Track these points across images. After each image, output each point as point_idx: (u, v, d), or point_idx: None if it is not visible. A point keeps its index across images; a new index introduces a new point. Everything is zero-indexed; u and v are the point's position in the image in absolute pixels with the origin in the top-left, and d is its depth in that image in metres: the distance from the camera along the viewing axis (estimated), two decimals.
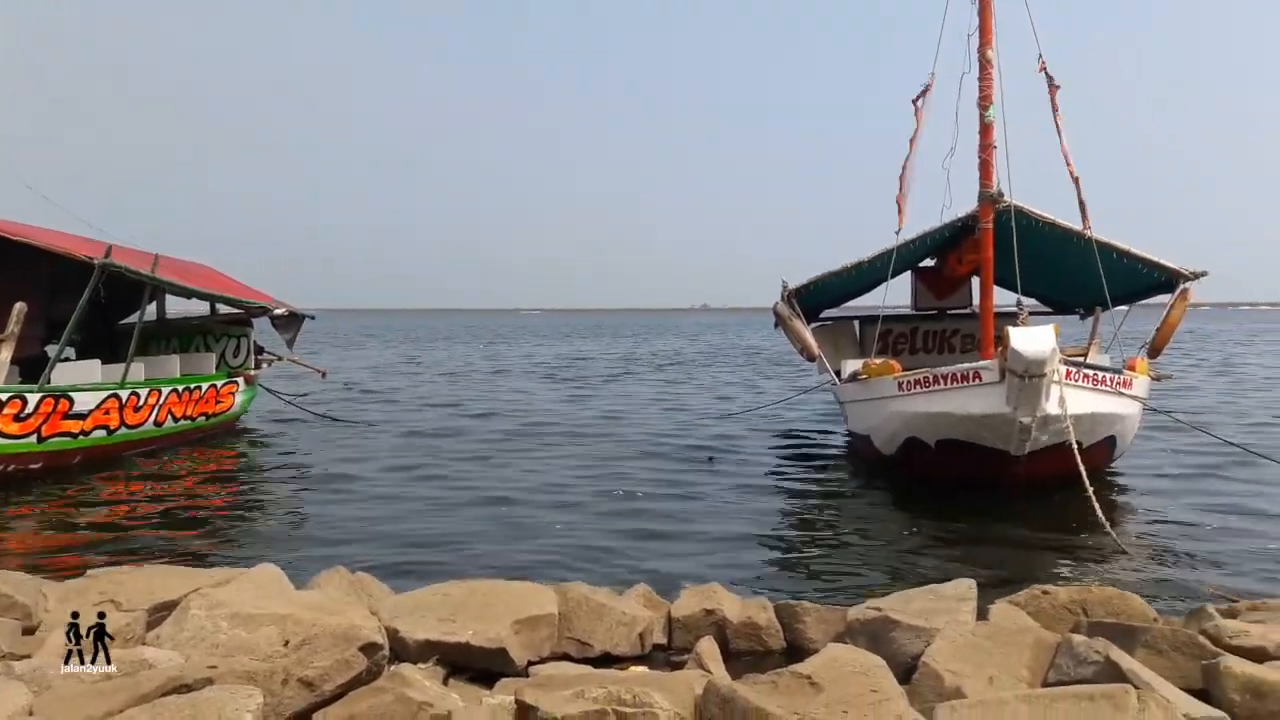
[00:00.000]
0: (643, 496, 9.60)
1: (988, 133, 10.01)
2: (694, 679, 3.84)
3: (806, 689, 3.53)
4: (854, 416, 11.97)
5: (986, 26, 10.02)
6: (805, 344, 12.26)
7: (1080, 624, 4.40)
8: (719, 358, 37.87)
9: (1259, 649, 3.91)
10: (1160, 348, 11.31)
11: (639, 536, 8.03)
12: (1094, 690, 3.25)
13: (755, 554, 7.61)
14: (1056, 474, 8.70)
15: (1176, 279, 11.28)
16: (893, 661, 4.12)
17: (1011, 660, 3.82)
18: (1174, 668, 3.87)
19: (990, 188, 10.11)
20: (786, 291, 12.35)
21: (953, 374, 9.24)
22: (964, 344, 14.52)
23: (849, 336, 15.11)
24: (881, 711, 3.30)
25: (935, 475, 9.84)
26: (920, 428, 9.80)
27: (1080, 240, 10.68)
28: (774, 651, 4.98)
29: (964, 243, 11.53)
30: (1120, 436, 10.01)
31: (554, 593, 4.96)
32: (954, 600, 4.67)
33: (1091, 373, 9.16)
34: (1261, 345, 44.11)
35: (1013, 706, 3.24)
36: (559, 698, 3.41)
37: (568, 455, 12.29)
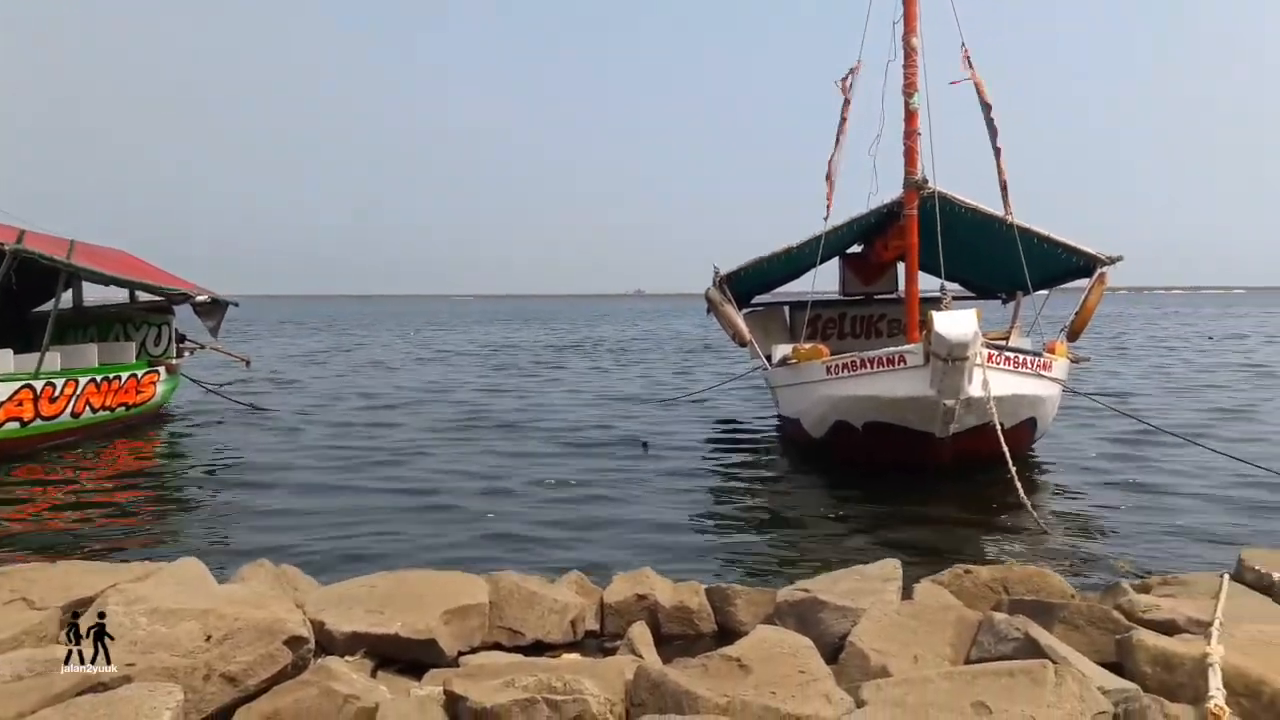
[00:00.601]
0: (576, 484, 9.58)
1: (912, 120, 10.17)
2: (625, 665, 3.85)
3: (736, 671, 3.57)
4: (784, 401, 12.11)
5: (911, 14, 10.16)
6: (737, 329, 12.36)
7: (1001, 602, 4.52)
8: (653, 344, 37.97)
9: (1169, 622, 4.06)
10: (1079, 331, 11.65)
11: (572, 524, 8.02)
12: (1013, 666, 3.34)
13: (688, 538, 7.66)
14: (980, 455, 8.92)
15: (1094, 263, 11.62)
16: (821, 642, 4.19)
17: (935, 638, 3.91)
18: (1090, 642, 4.00)
19: (915, 174, 10.29)
20: (718, 277, 12.43)
21: (879, 358, 9.41)
22: (891, 328, 14.78)
23: (779, 322, 15.28)
24: (809, 691, 3.35)
25: (863, 457, 10.01)
26: (848, 411, 9.96)
27: (1001, 226, 10.93)
28: (705, 635, 5.02)
29: (890, 229, 11.72)
30: (1041, 417, 10.30)
31: (485, 582, 4.93)
32: (880, 580, 4.76)
33: (1012, 355, 9.40)
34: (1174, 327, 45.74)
35: (936, 684, 3.31)
36: (489, 687, 3.39)
37: (498, 444, 12.18)
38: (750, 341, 12.48)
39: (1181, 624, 4.01)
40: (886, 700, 3.23)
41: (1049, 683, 3.16)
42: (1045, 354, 9.94)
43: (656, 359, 29.02)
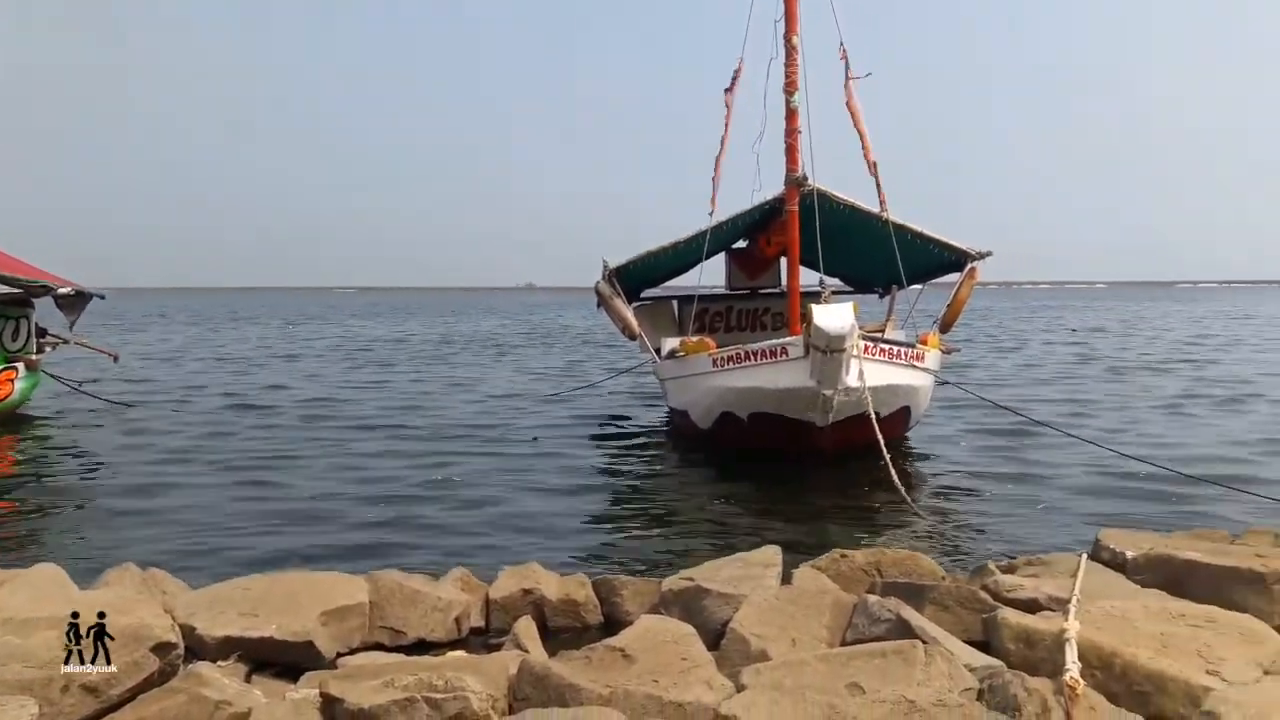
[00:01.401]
0: (461, 481, 9.45)
1: (793, 118, 10.38)
2: (509, 660, 3.83)
3: (619, 661, 3.59)
4: (673, 393, 12.22)
5: (791, 14, 10.36)
6: (626, 323, 12.39)
7: (875, 584, 4.67)
8: (542, 337, 37.80)
9: (1032, 601, 4.26)
10: (950, 323, 12.12)
11: (457, 521, 7.92)
12: (886, 647, 3.46)
13: (577, 532, 7.67)
14: (857, 443, 9.19)
15: (965, 259, 12.09)
16: (704, 629, 4.25)
17: (812, 622, 4.01)
18: (958, 621, 4.17)
19: (795, 172, 10.50)
20: (607, 271, 12.43)
21: (762, 350, 9.61)
22: (775, 322, 15.06)
23: (668, 315, 15.39)
24: (690, 679, 3.40)
25: (748, 447, 10.20)
26: (733, 402, 10.13)
27: (878, 223, 11.26)
28: (592, 627, 5.04)
29: (772, 225, 11.94)
30: (914, 406, 10.67)
31: (365, 582, 4.83)
32: (761, 567, 4.86)
33: (887, 347, 9.73)
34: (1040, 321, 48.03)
35: (812, 666, 3.41)
36: (367, 688, 3.33)
37: (377, 442, 11.84)
38: (639, 335, 12.54)
39: (1043, 602, 4.22)
40: (765, 684, 3.30)
41: (919, 662, 3.28)
42: (918, 345, 10.31)
43: (545, 353, 28.89)
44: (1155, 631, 3.64)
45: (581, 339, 35.76)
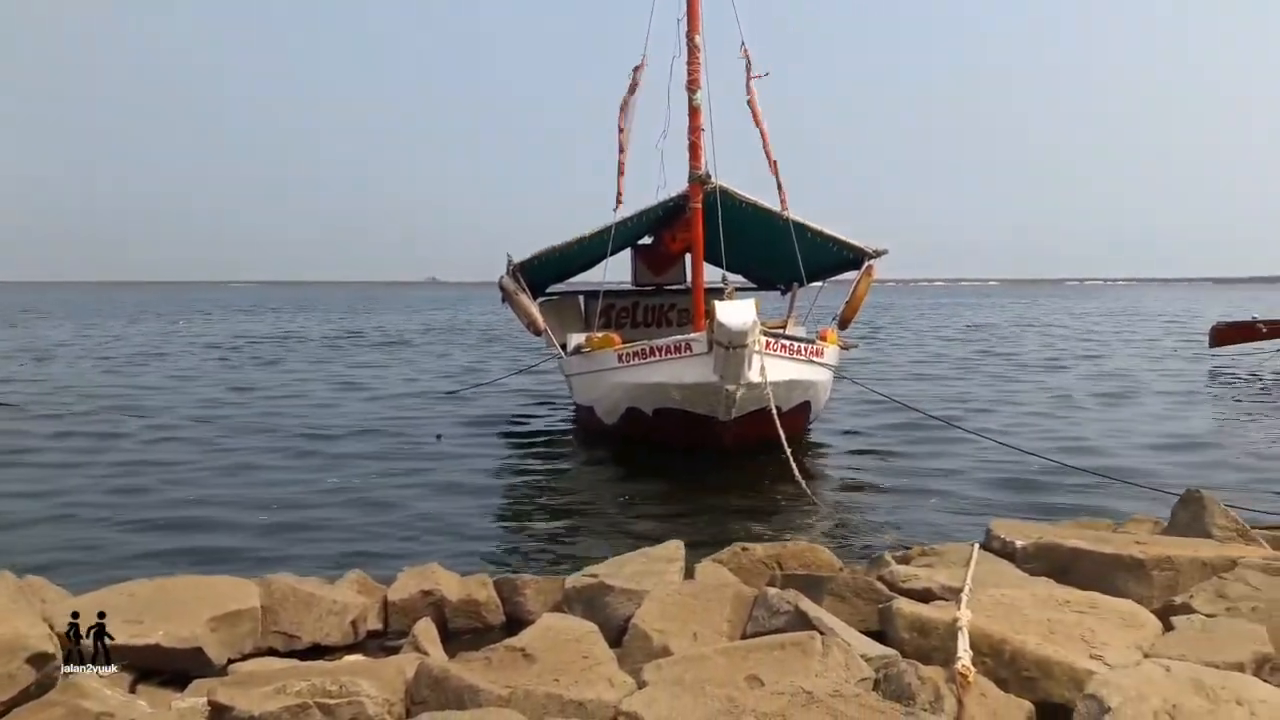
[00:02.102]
0: (360, 482, 9.23)
1: (696, 115, 10.44)
2: (407, 663, 3.75)
3: (520, 661, 3.55)
4: (579, 389, 12.19)
5: (694, 12, 10.42)
6: (531, 318, 12.32)
7: (775, 577, 4.72)
8: (445, 333, 37.29)
9: (926, 590, 4.36)
10: (849, 319, 12.40)
11: (356, 522, 7.71)
12: (784, 639, 3.49)
13: (480, 531, 7.57)
14: (760, 437, 9.31)
15: (862, 256, 12.37)
16: (607, 626, 4.24)
17: (714, 615, 4.03)
18: (855, 612, 4.24)
19: (699, 169, 10.57)
20: (511, 266, 12.33)
21: (667, 346, 9.66)
22: (680, 318, 15.16)
23: (574, 311, 15.36)
24: (591, 676, 3.38)
25: (653, 442, 10.24)
26: (639, 397, 10.16)
27: (779, 221, 11.43)
28: (495, 627, 4.97)
29: (677, 222, 12.00)
30: (815, 401, 10.87)
31: (256, 585, 4.67)
32: (664, 562, 4.87)
33: (788, 343, 9.90)
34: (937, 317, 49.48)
35: (713, 660, 3.42)
36: (257, 695, 3.21)
37: (274, 442, 11.46)
38: (545, 330, 12.48)
39: (936, 591, 4.32)
40: (666, 679, 3.30)
41: (816, 653, 3.32)
42: (818, 341, 10.51)
43: (448, 349, 28.47)
44: (1042, 618, 3.76)
45: (486, 335, 35.39)
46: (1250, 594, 4.09)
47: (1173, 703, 2.82)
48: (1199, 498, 5.29)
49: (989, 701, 3.12)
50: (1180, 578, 4.44)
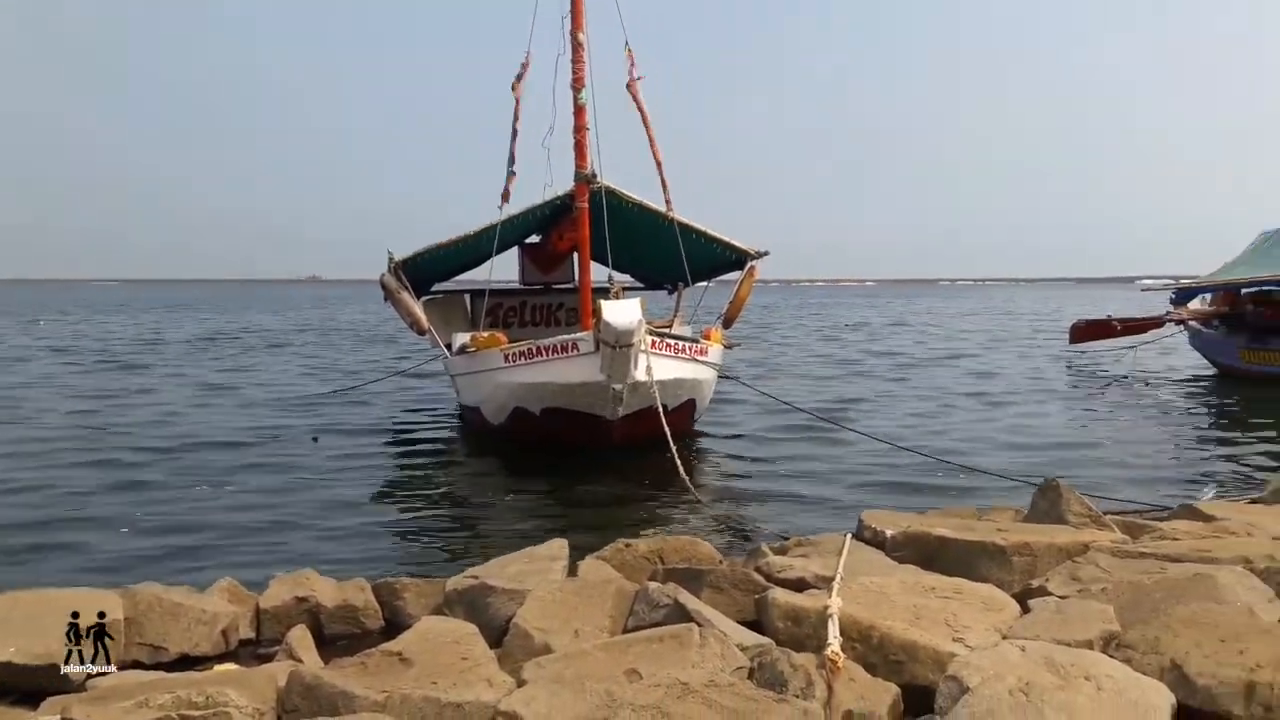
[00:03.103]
0: (234, 486, 8.91)
1: (581, 114, 10.44)
2: (279, 671, 3.66)
3: (397, 666, 3.50)
4: (464, 389, 12.07)
5: (577, 10, 10.43)
6: (415, 317, 12.13)
7: (657, 571, 4.78)
8: (324, 332, 36.31)
9: (800, 580, 4.48)
10: (732, 319, 12.62)
11: (229, 529, 7.44)
12: (663, 632, 3.55)
13: (360, 534, 7.40)
14: (646, 436, 9.39)
15: (745, 257, 12.60)
16: (489, 627, 4.22)
17: (595, 612, 4.06)
18: (733, 603, 4.33)
19: (584, 168, 10.58)
20: (393, 263, 12.12)
21: (553, 345, 9.65)
22: (568, 317, 15.15)
23: (460, 310, 15.19)
24: (470, 678, 3.36)
25: (540, 442, 10.22)
26: (525, 397, 10.12)
27: (664, 221, 11.55)
28: (373, 632, 4.88)
29: (563, 220, 12.00)
30: (700, 399, 11.03)
31: (119, 597, 4.47)
32: (547, 560, 4.87)
33: (674, 342, 10.01)
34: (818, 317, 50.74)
35: (593, 656, 3.45)
36: (117, 710, 3.08)
37: (141, 446, 10.94)
38: (429, 330, 12.31)
39: (810, 580, 4.44)
40: (546, 677, 3.30)
41: (694, 644, 3.39)
42: (703, 340, 10.66)
43: (328, 349, 27.71)
44: (909, 604, 3.91)
45: (368, 335, 34.60)
46: (1100, 576, 4.35)
47: (1026, 680, 2.97)
48: (1056, 487, 5.58)
49: (857, 685, 3.23)
50: (1038, 562, 4.68)
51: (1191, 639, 3.38)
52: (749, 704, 2.92)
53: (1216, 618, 3.54)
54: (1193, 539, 5.02)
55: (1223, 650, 3.28)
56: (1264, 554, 4.62)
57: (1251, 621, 3.55)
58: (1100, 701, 2.90)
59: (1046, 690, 2.92)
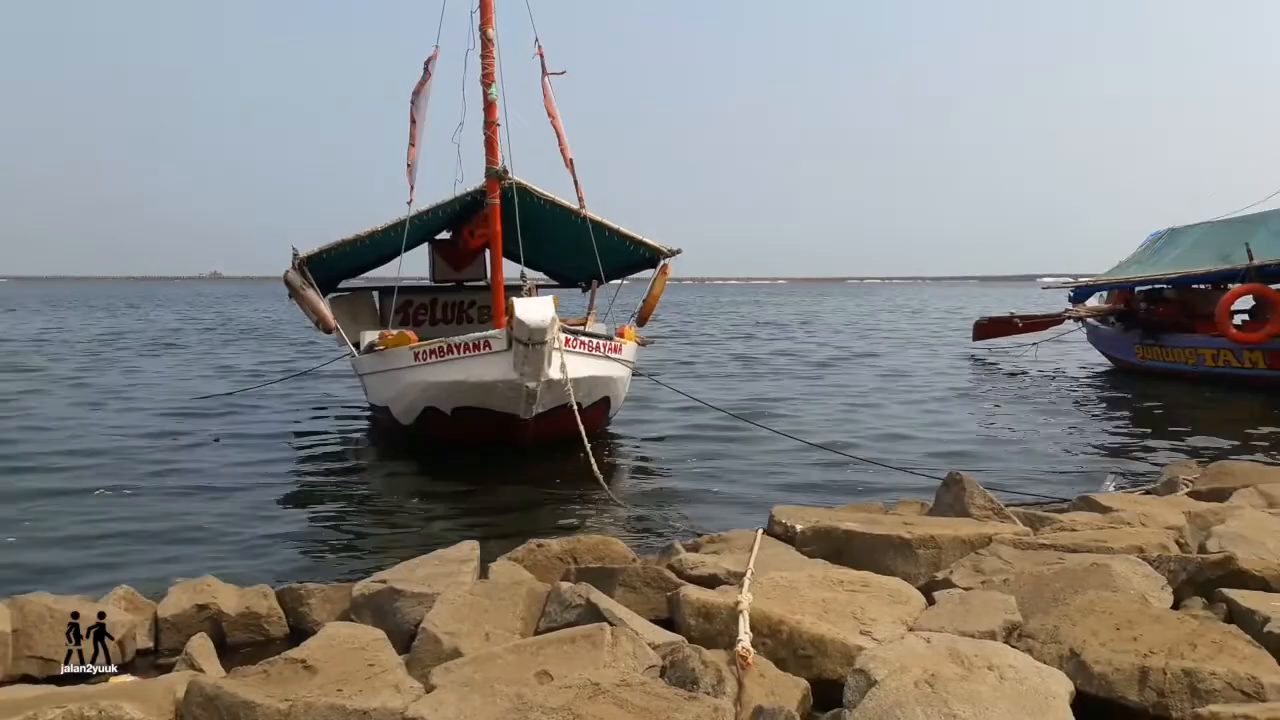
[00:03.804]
0: (132, 492, 8.55)
1: (491, 110, 10.32)
2: (177, 681, 3.52)
3: (300, 673, 3.40)
4: (373, 388, 11.83)
5: (486, 5, 10.29)
6: (321, 315, 11.84)
7: (570, 571, 4.74)
8: (226, 331, 35.21)
9: (712, 576, 4.50)
10: (646, 317, 12.64)
11: (128, 536, 7.12)
12: (575, 633, 3.52)
13: (264, 540, 7.17)
14: (560, 434, 9.34)
15: (659, 255, 12.63)
16: (397, 632, 4.13)
17: (507, 614, 4.00)
18: (646, 602, 4.32)
19: (495, 164, 10.45)
20: (297, 260, 11.81)
21: (465, 343, 9.53)
22: (481, 315, 14.97)
23: (368, 308, 14.89)
24: (377, 684, 3.28)
25: (452, 441, 10.08)
26: (436, 396, 9.96)
27: (577, 218, 11.50)
28: (278, 639, 4.75)
29: (475, 217, 11.85)
30: (614, 397, 11.01)
31: (5, 608, 4.26)
32: (457, 563, 4.79)
33: (587, 340, 9.97)
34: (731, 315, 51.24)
35: (504, 659, 3.40)
36: None
37: (30, 451, 10.39)
38: (336, 328, 12.03)
39: (722, 577, 4.46)
40: (455, 681, 3.25)
41: (605, 644, 3.37)
42: (617, 338, 10.65)
43: (229, 349, 26.84)
44: (818, 598, 3.96)
45: (271, 333, 33.68)
46: (1002, 567, 4.47)
47: (931, 672, 3.03)
48: (959, 480, 5.72)
49: (767, 681, 3.26)
50: (943, 555, 4.79)
51: (1089, 627, 3.49)
52: (660, 702, 2.91)
53: (1112, 606, 3.67)
54: (1090, 530, 5.20)
55: (1118, 638, 3.40)
56: (1156, 543, 4.82)
57: (1144, 609, 3.69)
58: (1002, 691, 2.98)
59: (951, 681, 2.99)
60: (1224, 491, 6.44)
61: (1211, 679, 3.09)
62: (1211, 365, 16.47)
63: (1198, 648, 3.28)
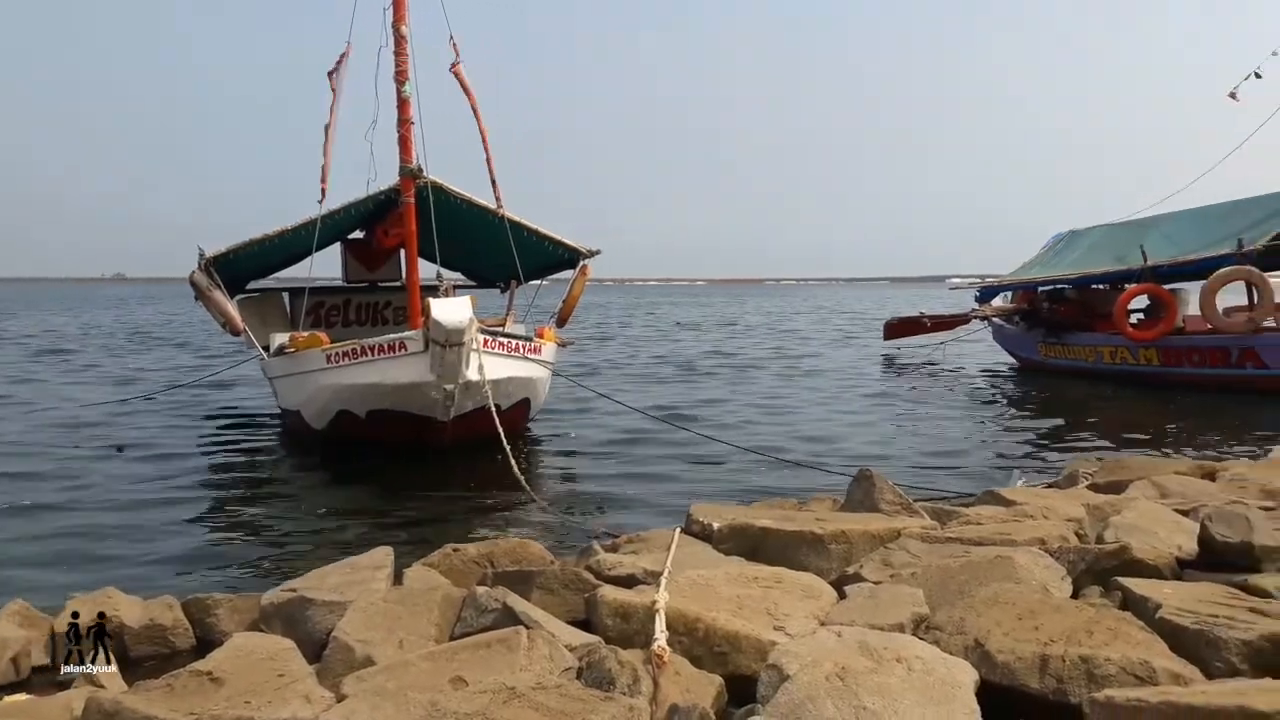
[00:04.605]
0: (28, 503, 8.18)
1: (405, 108, 10.19)
2: (75, 698, 3.40)
3: (206, 686, 3.30)
4: (284, 392, 11.57)
5: (399, 1, 10.16)
6: (229, 317, 11.56)
7: (486, 576, 4.70)
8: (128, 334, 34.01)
9: (630, 576, 4.51)
10: (566, 317, 12.63)
11: (23, 550, 6.82)
12: (490, 637, 3.49)
13: (171, 550, 6.93)
14: (479, 436, 9.27)
15: (578, 256, 12.64)
16: (308, 641, 4.05)
17: (421, 620, 3.95)
18: (563, 604, 4.31)
19: (410, 163, 10.32)
20: (204, 260, 11.50)
21: (379, 345, 9.39)
22: (396, 316, 14.78)
23: (278, 309, 14.56)
24: (286, 695, 3.21)
25: (367, 445, 9.92)
26: (350, 399, 9.80)
27: (495, 218, 11.43)
28: (183, 651, 4.61)
29: (389, 216, 11.70)
30: (534, 398, 10.97)
31: None
32: (370, 570, 4.71)
33: (506, 340, 9.91)
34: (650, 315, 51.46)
35: (417, 666, 3.35)
36: None
37: None
38: (244, 330, 11.74)
39: (640, 576, 4.48)
40: (367, 690, 3.19)
41: (521, 648, 3.35)
42: (536, 339, 10.61)
43: (133, 353, 25.92)
44: (733, 595, 4.00)
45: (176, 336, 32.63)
46: (911, 561, 4.58)
47: (842, 665, 3.09)
48: (870, 476, 5.84)
49: (683, 679, 3.28)
50: (854, 549, 4.88)
51: (993, 618, 3.60)
52: (575, 704, 2.91)
53: (1014, 597, 3.78)
54: (994, 523, 5.35)
55: (1020, 627, 3.51)
56: (1057, 535, 4.99)
57: (1045, 599, 3.82)
58: (910, 682, 3.05)
59: (861, 674, 3.05)
60: (1121, 484, 6.70)
61: (1106, 664, 3.21)
62: (1110, 363, 17.16)
63: (1094, 635, 3.40)
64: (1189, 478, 6.84)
